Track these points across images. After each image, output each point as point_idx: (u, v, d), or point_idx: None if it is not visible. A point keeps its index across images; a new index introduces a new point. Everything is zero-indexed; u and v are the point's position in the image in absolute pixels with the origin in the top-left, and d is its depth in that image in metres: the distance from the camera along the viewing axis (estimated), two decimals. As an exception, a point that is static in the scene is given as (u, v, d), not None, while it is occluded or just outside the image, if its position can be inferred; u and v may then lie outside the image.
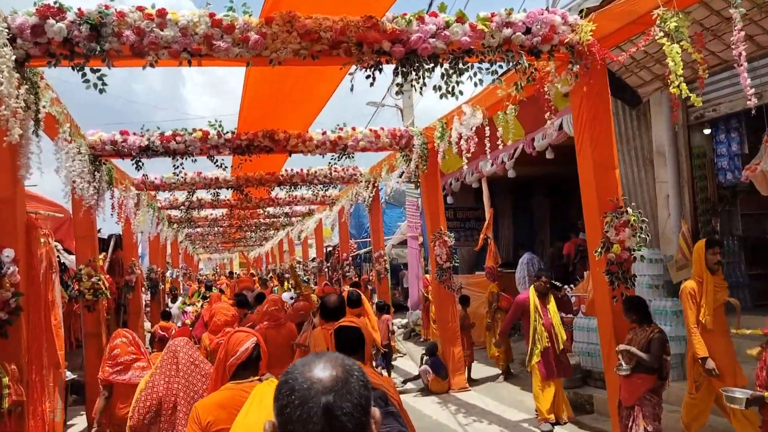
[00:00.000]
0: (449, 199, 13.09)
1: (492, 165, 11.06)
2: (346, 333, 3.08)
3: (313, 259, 25.05)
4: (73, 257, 8.68)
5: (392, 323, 10.35)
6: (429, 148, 8.75)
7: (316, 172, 12.04)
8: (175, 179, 11.52)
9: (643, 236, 5.13)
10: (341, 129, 8.85)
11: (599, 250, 5.19)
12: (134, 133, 8.25)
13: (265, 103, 7.70)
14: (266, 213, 18.54)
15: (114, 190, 9.52)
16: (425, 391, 8.91)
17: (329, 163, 9.23)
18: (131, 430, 3.70)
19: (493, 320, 9.34)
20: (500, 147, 7.16)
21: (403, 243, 19.15)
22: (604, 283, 5.25)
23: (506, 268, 12.83)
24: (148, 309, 16.04)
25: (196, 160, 8.55)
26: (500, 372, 9.29)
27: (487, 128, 7.14)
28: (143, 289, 14.84)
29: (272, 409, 1.15)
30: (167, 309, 12.57)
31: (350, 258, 16.23)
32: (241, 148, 8.46)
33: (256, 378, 2.82)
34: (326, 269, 20.29)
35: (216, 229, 22.58)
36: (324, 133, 8.78)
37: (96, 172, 7.96)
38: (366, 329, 3.23)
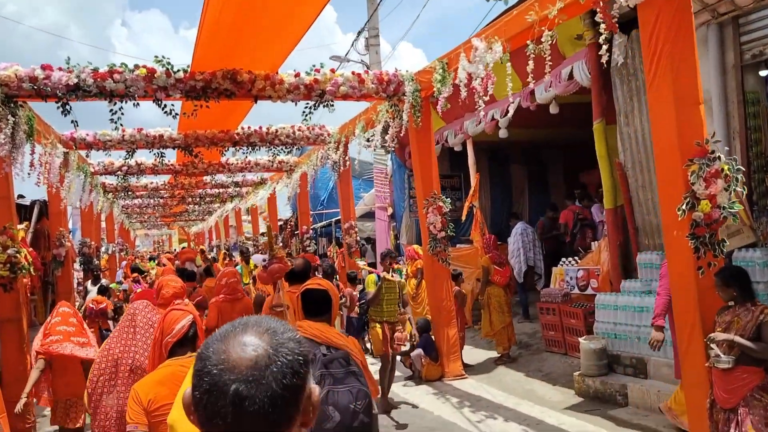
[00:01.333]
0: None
1: (479, 124, 9.88)
2: (313, 295, 3.09)
3: (263, 234, 23.45)
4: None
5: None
6: (422, 97, 7.42)
7: (277, 130, 10.53)
8: (111, 136, 9.81)
9: (739, 189, 4.00)
10: (318, 71, 7.40)
11: (683, 207, 4.03)
12: (59, 69, 6.57)
13: (226, 36, 6.24)
14: (214, 182, 16.84)
15: (35, 145, 7.82)
16: (416, 378, 7.71)
17: (303, 112, 7.74)
18: (87, 393, 3.63)
19: (487, 297, 8.20)
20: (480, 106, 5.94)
21: (367, 215, 17.88)
22: (684, 250, 4.11)
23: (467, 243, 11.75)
24: (80, 288, 14.25)
25: (138, 104, 6.92)
26: (498, 355, 8.18)
27: (479, 78, 5.93)
28: (74, 265, 13.05)
29: None
30: (103, 285, 10.82)
31: (310, 231, 14.81)
32: (196, 90, 6.91)
33: (194, 353, 2.54)
34: (279, 244, 18.79)
35: (156, 200, 20.64)
36: (297, 75, 7.31)
37: (11, 116, 6.27)
38: (333, 290, 3.17)
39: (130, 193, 16.88)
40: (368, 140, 9.68)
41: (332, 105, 7.54)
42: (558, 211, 11.08)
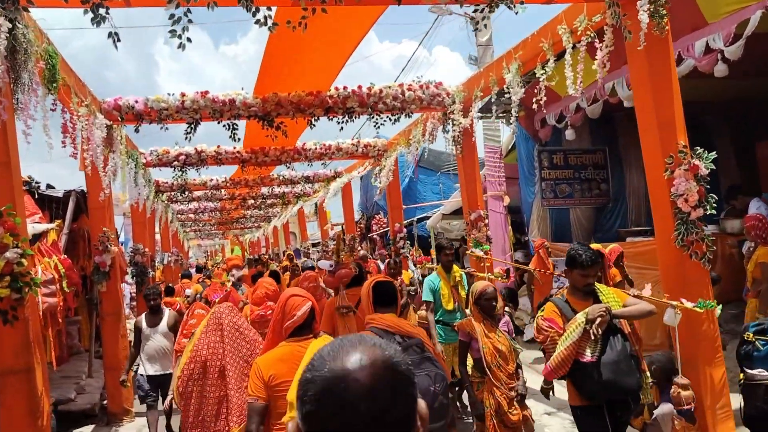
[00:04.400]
0: (568, 134, 8.99)
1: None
2: (384, 286, 3.32)
3: (335, 237, 20.91)
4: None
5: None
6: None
7: (381, 90, 7.89)
8: (166, 102, 7.34)
9: None
10: None
11: None
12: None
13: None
14: (281, 178, 14.36)
15: (61, 106, 5.41)
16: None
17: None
18: (177, 393, 3.79)
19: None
20: None
21: (459, 212, 15.06)
22: None
23: (644, 236, 8.83)
24: (134, 304, 11.93)
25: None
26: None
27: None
28: (126, 276, 10.69)
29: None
30: (170, 285, 10.61)
31: (404, 230, 12.10)
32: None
33: (311, 335, 2.92)
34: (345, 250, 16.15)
35: (213, 204, 18.33)
36: None
37: (7, 21, 3.74)
38: (395, 283, 3.46)
39: (186, 193, 14.52)
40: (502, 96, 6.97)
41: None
42: (738, 198, 8.20)
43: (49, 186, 7.97)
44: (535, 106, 6.08)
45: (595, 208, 10.01)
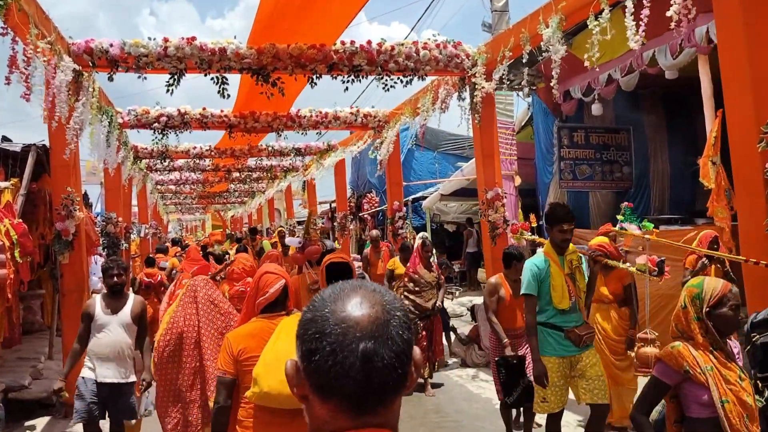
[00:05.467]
0: (595, 109, 8.14)
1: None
2: (337, 267, 3.51)
3: (324, 214, 19.98)
4: None
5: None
6: None
7: (393, 47, 6.95)
8: (147, 48, 6.34)
9: None
10: None
11: None
12: None
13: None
14: (270, 149, 13.35)
15: (13, 35, 4.43)
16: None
17: None
18: (154, 363, 3.91)
19: None
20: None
21: (459, 193, 14.20)
22: None
23: (669, 224, 8.09)
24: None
25: None
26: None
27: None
28: (96, 247, 9.66)
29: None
30: (150, 255, 10.14)
31: (403, 209, 11.20)
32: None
33: (284, 312, 2.90)
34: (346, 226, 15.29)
35: (196, 175, 17.26)
36: None
37: None
38: (352, 263, 3.58)
39: (167, 161, 13.45)
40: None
41: None
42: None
43: (5, 138, 6.91)
44: (554, 82, 5.38)
45: (615, 193, 9.18)
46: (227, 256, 8.68)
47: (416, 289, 6.74)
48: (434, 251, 7.42)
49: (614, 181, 9.09)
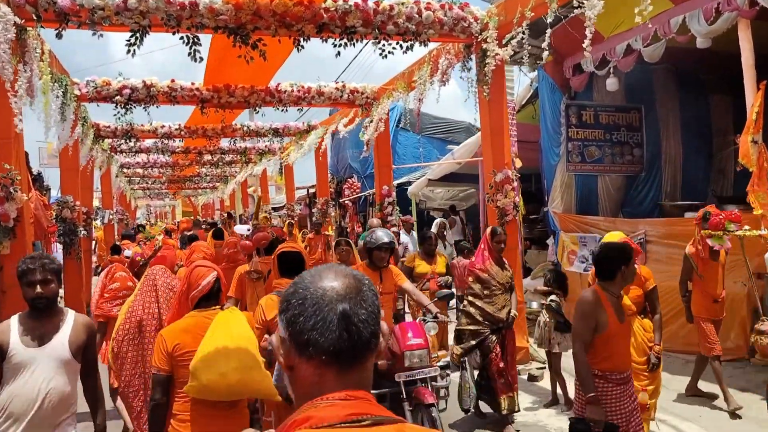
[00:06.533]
0: (610, 84, 7.38)
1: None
2: (288, 256, 3.67)
3: (301, 200, 19.04)
4: None
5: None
6: None
7: (392, 7, 6.05)
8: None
9: None
10: None
11: None
12: None
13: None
14: (245, 129, 12.34)
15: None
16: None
17: None
18: (113, 352, 3.80)
19: None
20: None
21: (448, 178, 13.37)
22: None
23: (686, 210, 7.42)
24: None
25: None
26: None
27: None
28: (52, 234, 8.64)
29: (245, 330, 1.52)
30: (116, 243, 9.44)
31: (392, 194, 10.32)
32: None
33: (218, 306, 2.90)
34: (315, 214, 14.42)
35: (164, 158, 16.16)
36: None
37: None
38: (304, 252, 3.81)
39: (133, 141, 12.33)
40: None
41: None
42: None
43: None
44: (587, 43, 4.51)
45: (626, 177, 8.44)
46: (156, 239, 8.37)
47: (485, 292, 5.08)
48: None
49: (624, 164, 8.34)
